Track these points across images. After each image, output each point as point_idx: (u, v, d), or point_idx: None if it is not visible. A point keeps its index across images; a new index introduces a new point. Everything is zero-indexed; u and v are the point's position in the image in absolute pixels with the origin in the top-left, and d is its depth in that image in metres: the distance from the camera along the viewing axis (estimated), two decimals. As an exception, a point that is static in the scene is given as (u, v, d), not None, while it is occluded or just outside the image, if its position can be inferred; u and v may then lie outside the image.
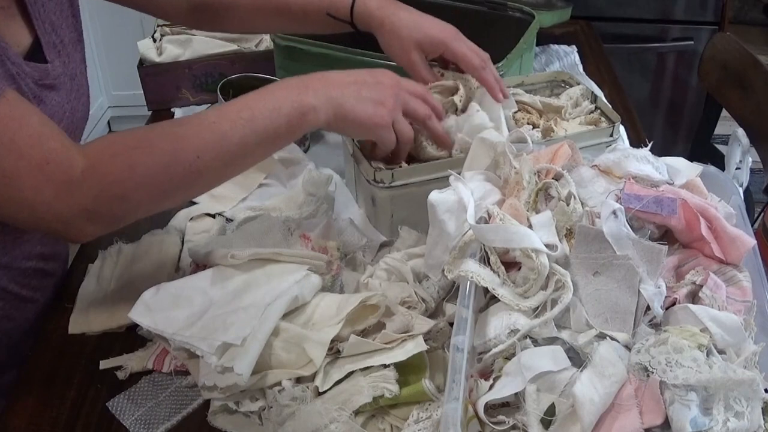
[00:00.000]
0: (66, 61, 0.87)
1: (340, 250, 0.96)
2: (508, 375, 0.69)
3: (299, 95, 0.82)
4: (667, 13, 2.19)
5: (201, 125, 0.78)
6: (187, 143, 0.77)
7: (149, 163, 0.75)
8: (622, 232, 0.74)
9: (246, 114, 0.80)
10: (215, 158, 0.78)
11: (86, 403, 0.84)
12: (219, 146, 0.78)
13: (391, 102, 0.87)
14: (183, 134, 0.77)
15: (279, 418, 0.76)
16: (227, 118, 0.79)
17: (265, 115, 0.80)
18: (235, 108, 0.80)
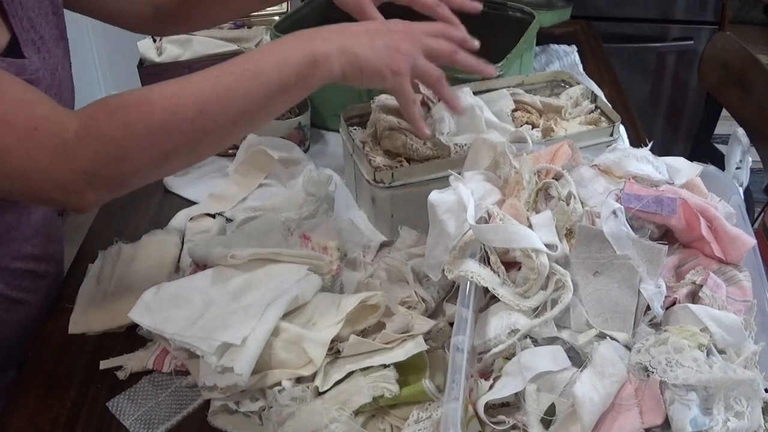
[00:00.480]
0: (46, 56, 0.86)
1: (340, 250, 0.96)
2: (508, 375, 0.69)
3: (310, 44, 0.78)
4: (667, 13, 2.19)
5: (203, 80, 0.75)
6: (188, 98, 0.73)
7: (147, 120, 0.71)
8: (622, 232, 0.74)
9: (251, 66, 0.76)
10: (219, 114, 0.74)
11: (86, 403, 0.84)
12: (223, 101, 0.74)
13: (407, 47, 0.84)
14: (183, 90, 0.74)
15: (279, 418, 0.76)
16: (231, 72, 0.75)
17: (273, 66, 0.77)
18: (240, 61, 0.77)
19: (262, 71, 0.76)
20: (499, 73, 1.16)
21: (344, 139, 1.09)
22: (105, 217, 1.13)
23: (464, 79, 1.13)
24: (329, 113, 1.27)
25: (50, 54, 0.87)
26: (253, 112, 0.77)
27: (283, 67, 0.77)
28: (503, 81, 1.16)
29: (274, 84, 0.77)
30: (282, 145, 1.14)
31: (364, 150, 1.04)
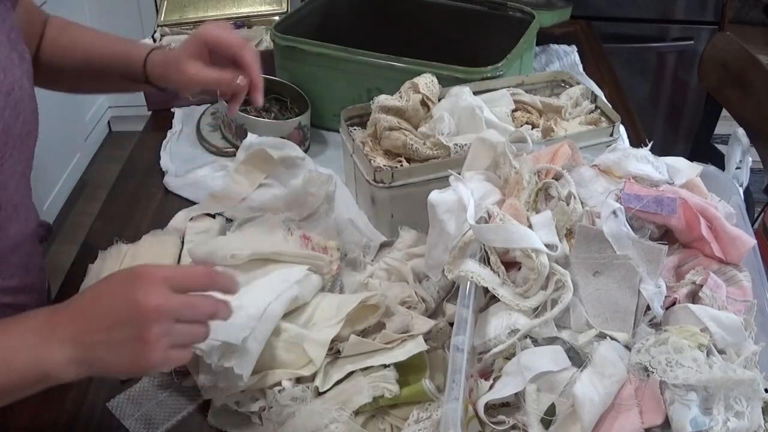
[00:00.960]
0: (0, 77, 0.82)
1: (340, 250, 0.96)
2: (508, 375, 0.69)
3: (41, 349, 0.65)
4: (667, 13, 2.19)
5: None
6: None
7: None
8: (622, 232, 0.74)
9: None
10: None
11: (86, 403, 0.84)
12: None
13: (154, 332, 0.64)
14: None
15: (279, 418, 0.76)
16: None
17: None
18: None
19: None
20: (499, 73, 1.16)
21: (344, 139, 1.09)
22: (105, 217, 1.13)
23: (464, 79, 1.13)
24: (329, 113, 1.27)
25: (6, 74, 0.83)
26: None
27: (8, 371, 0.65)
28: (503, 81, 1.16)
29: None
30: (282, 145, 1.14)
31: (364, 150, 1.04)
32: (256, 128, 1.18)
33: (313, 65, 1.24)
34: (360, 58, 1.19)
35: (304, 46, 1.23)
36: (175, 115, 1.38)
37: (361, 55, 1.19)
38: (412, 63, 1.16)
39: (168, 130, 1.33)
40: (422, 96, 1.07)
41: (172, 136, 1.31)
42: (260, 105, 0.95)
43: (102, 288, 0.67)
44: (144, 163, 1.27)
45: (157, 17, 1.50)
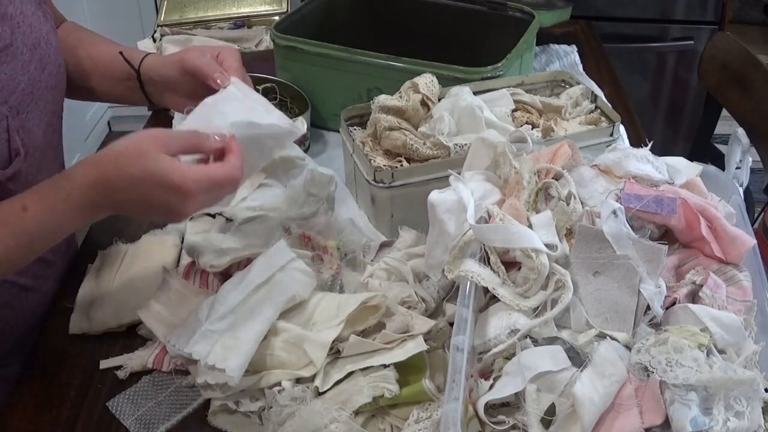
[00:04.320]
0: (26, 31, 0.87)
1: (340, 250, 0.96)
2: (508, 375, 0.69)
3: (83, 218, 0.78)
4: (667, 13, 2.19)
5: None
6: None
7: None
8: (622, 232, 0.74)
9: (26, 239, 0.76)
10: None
11: (86, 403, 0.84)
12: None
13: (188, 216, 0.81)
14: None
15: (279, 418, 0.76)
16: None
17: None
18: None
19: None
20: (499, 73, 1.16)
21: (344, 139, 1.09)
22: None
23: (464, 79, 1.13)
24: (329, 113, 1.27)
25: (32, 29, 0.89)
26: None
27: (52, 241, 0.80)
28: (503, 81, 1.16)
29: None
30: (282, 145, 1.14)
31: (364, 150, 1.04)
32: (256, 128, 1.18)
33: (313, 65, 1.24)
34: (360, 58, 1.19)
35: (304, 46, 1.23)
36: (175, 115, 1.37)
37: (361, 55, 1.19)
38: (412, 63, 1.16)
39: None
40: (422, 96, 1.07)
41: (172, 136, 1.31)
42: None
43: (141, 182, 0.75)
44: (144, 163, 1.26)
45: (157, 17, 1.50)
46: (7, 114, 0.83)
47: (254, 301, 0.82)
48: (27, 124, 0.88)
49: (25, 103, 0.87)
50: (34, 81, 0.88)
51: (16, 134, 0.85)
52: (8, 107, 0.84)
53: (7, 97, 0.84)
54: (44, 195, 0.76)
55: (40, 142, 0.91)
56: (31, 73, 0.88)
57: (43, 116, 0.91)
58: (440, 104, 1.07)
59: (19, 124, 0.86)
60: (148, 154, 0.74)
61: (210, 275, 0.91)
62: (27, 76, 0.87)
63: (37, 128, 0.90)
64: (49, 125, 0.94)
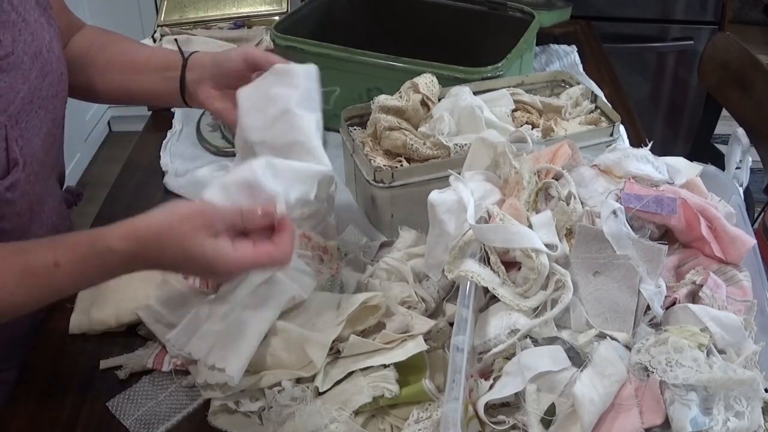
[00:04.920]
0: (28, 39, 0.86)
1: (340, 250, 0.96)
2: (508, 375, 0.69)
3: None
4: (667, 13, 2.19)
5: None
6: None
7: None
8: (622, 232, 0.74)
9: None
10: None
11: (86, 403, 0.84)
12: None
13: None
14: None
15: (279, 418, 0.76)
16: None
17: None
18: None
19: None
20: (499, 73, 1.16)
21: (344, 139, 1.09)
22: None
23: (464, 79, 1.13)
24: (329, 113, 1.27)
25: (34, 37, 0.87)
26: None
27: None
28: (503, 81, 1.16)
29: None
30: (282, 145, 1.14)
31: (364, 150, 1.04)
32: (256, 128, 1.18)
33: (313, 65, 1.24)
34: (360, 58, 1.19)
35: (304, 46, 1.23)
36: (175, 115, 1.38)
37: (361, 55, 1.19)
38: (412, 63, 1.16)
39: (168, 130, 1.33)
40: (422, 96, 1.07)
41: (172, 136, 1.31)
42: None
43: (185, 264, 0.75)
44: (144, 163, 1.26)
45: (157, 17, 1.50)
46: (5, 123, 0.82)
47: (254, 301, 0.82)
48: (26, 134, 0.86)
49: (24, 112, 0.85)
50: (34, 89, 0.87)
51: (15, 144, 0.83)
52: (7, 116, 0.82)
53: (7, 106, 0.82)
54: (79, 256, 0.74)
55: (39, 151, 0.90)
56: (31, 82, 0.87)
57: (43, 125, 0.90)
58: (440, 104, 1.07)
59: (18, 134, 0.84)
60: (194, 238, 0.73)
61: (210, 275, 0.91)
62: (27, 84, 0.86)
63: (37, 137, 0.89)
64: (49, 134, 0.92)
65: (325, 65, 1.22)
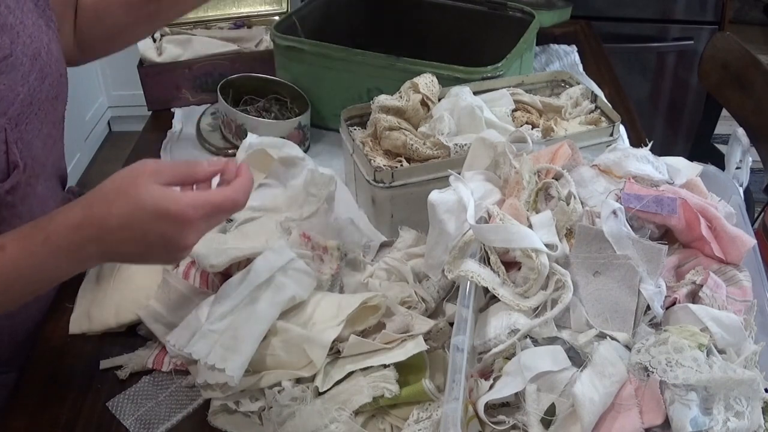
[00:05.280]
0: (27, 41, 0.86)
1: (340, 250, 0.96)
2: (508, 375, 0.69)
3: (68, 265, 0.72)
4: (667, 13, 2.19)
5: None
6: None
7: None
8: (622, 232, 0.74)
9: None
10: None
11: (86, 403, 0.84)
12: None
13: (186, 253, 0.74)
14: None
15: (279, 418, 0.76)
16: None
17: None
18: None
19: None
20: (499, 73, 1.16)
21: (344, 139, 1.09)
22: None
23: (464, 79, 1.13)
24: (329, 113, 1.27)
25: (32, 39, 0.87)
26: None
27: (34, 288, 0.74)
28: (503, 81, 1.16)
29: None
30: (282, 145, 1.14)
31: (364, 150, 1.04)
32: (256, 128, 1.18)
33: (313, 65, 1.24)
34: (360, 58, 1.19)
35: (304, 46, 1.23)
36: (175, 115, 1.38)
37: (361, 55, 1.19)
38: (412, 63, 1.16)
39: (168, 130, 1.33)
40: (422, 96, 1.07)
41: (172, 136, 1.31)
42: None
43: (134, 217, 0.69)
44: (144, 163, 1.26)
45: (157, 17, 1.50)
46: (5, 126, 0.81)
47: (254, 301, 0.82)
48: (26, 136, 0.86)
49: (24, 115, 0.85)
50: (33, 92, 0.87)
51: (15, 146, 0.83)
52: (7, 119, 0.82)
53: (6, 108, 0.82)
54: (24, 236, 0.71)
55: (39, 153, 0.89)
56: (30, 84, 0.86)
57: (42, 127, 0.90)
58: (440, 104, 1.07)
59: (18, 136, 0.84)
60: (138, 186, 0.68)
61: (210, 275, 0.91)
62: (27, 86, 0.86)
63: (37, 139, 0.89)
64: (49, 136, 0.92)
65: (325, 65, 1.22)
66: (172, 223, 0.69)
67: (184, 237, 0.70)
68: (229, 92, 1.26)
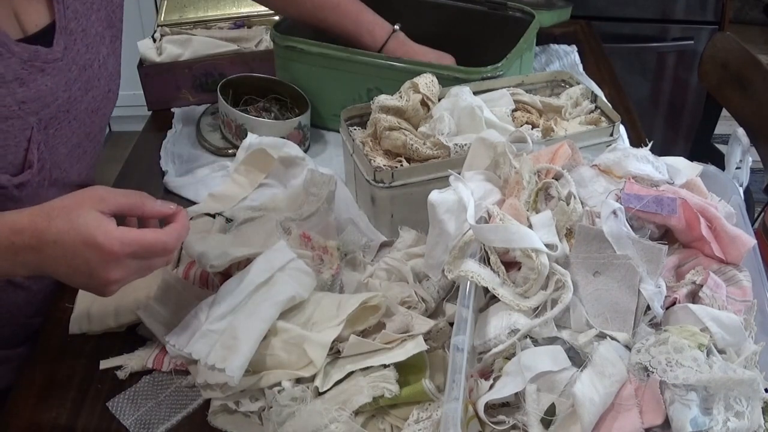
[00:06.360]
0: (82, 49, 0.86)
1: (340, 250, 0.96)
2: (508, 375, 0.69)
3: (3, 266, 0.72)
4: (667, 13, 2.19)
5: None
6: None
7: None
8: (622, 232, 0.74)
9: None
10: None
11: (86, 403, 0.84)
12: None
13: (112, 288, 0.73)
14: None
15: (279, 418, 0.76)
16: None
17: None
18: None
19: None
20: (499, 73, 1.16)
21: (344, 139, 1.09)
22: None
23: (464, 79, 1.13)
24: (329, 113, 1.27)
25: (88, 49, 0.87)
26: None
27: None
28: (503, 81, 1.16)
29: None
30: (282, 145, 1.14)
31: (364, 150, 1.04)
32: (256, 128, 1.18)
33: (313, 65, 1.24)
34: (360, 58, 1.19)
35: (304, 46, 1.23)
36: (175, 115, 1.38)
37: (361, 55, 1.19)
38: (412, 63, 1.16)
39: (168, 130, 1.33)
40: (422, 96, 1.07)
41: (172, 136, 1.31)
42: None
43: (67, 237, 0.69)
44: (144, 163, 1.26)
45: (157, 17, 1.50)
46: (33, 125, 0.82)
47: (254, 301, 0.82)
48: (52, 141, 0.86)
49: (56, 120, 0.85)
50: (73, 100, 0.87)
51: (36, 147, 0.84)
52: (37, 119, 0.83)
53: (40, 108, 0.83)
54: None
55: (63, 160, 0.90)
56: (72, 92, 0.86)
57: (73, 136, 0.90)
58: (440, 104, 1.07)
59: (43, 139, 0.85)
60: (80, 208, 0.69)
61: (210, 275, 0.91)
62: (68, 93, 0.86)
63: (63, 147, 0.89)
64: (79, 146, 0.92)
65: (325, 65, 1.22)
66: (98, 252, 0.69)
67: (107, 270, 0.70)
68: (229, 92, 1.26)
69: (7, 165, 0.83)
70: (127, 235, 0.70)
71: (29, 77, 0.83)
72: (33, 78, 0.83)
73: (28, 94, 0.81)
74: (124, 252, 0.70)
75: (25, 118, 0.83)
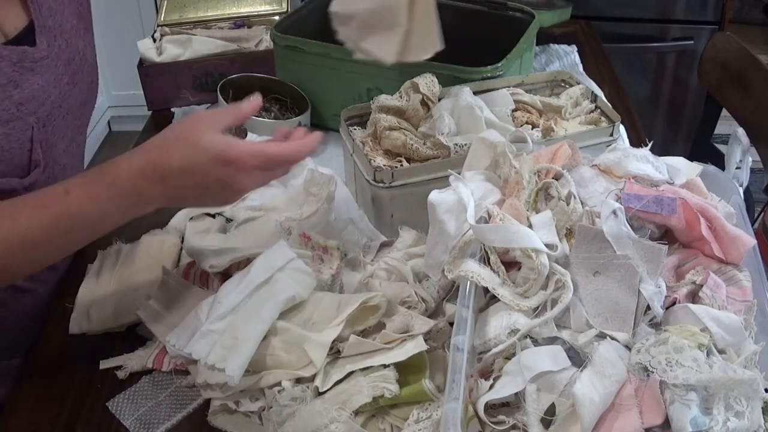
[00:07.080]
0: (63, 45, 0.87)
1: (340, 250, 0.96)
2: (508, 375, 0.69)
3: (132, 207, 0.76)
4: (667, 13, 2.19)
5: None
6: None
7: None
8: (622, 232, 0.74)
9: (66, 225, 0.74)
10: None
11: (86, 403, 0.84)
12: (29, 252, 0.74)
13: (240, 195, 0.81)
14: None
15: (279, 418, 0.76)
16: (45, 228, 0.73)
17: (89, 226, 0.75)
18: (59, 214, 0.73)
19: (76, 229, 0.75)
20: (499, 73, 1.16)
21: (344, 139, 1.09)
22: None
23: (464, 79, 1.13)
24: (329, 113, 1.27)
25: (68, 44, 0.88)
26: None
27: (103, 228, 0.77)
28: (503, 81, 1.16)
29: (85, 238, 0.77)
30: (282, 145, 1.14)
31: (364, 150, 1.04)
32: (256, 128, 1.18)
33: (313, 65, 1.24)
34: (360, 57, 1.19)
35: (304, 46, 1.23)
36: (175, 115, 1.38)
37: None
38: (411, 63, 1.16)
39: (168, 130, 1.33)
40: (422, 96, 1.07)
41: (172, 136, 1.31)
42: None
43: (194, 161, 0.74)
44: (144, 163, 1.26)
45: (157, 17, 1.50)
46: (33, 124, 0.83)
47: (254, 301, 0.82)
48: (51, 138, 0.87)
49: (52, 117, 0.86)
50: (64, 95, 0.88)
51: (39, 146, 0.85)
52: (36, 118, 0.83)
53: (36, 108, 0.83)
54: (89, 180, 0.74)
55: (61, 155, 0.91)
56: (62, 87, 0.87)
57: (68, 131, 0.91)
58: (440, 104, 1.07)
59: (44, 137, 0.86)
60: (197, 132, 0.74)
61: (210, 275, 0.91)
62: (58, 89, 0.87)
63: (61, 142, 0.90)
64: (73, 140, 0.93)
65: (325, 65, 1.22)
66: (229, 167, 0.74)
67: (239, 181, 0.76)
68: (229, 92, 1.26)
69: (15, 168, 0.84)
70: (254, 148, 0.75)
71: (21, 78, 0.83)
72: (25, 78, 0.84)
73: (23, 95, 0.82)
74: (254, 163, 0.75)
75: (25, 119, 0.83)
